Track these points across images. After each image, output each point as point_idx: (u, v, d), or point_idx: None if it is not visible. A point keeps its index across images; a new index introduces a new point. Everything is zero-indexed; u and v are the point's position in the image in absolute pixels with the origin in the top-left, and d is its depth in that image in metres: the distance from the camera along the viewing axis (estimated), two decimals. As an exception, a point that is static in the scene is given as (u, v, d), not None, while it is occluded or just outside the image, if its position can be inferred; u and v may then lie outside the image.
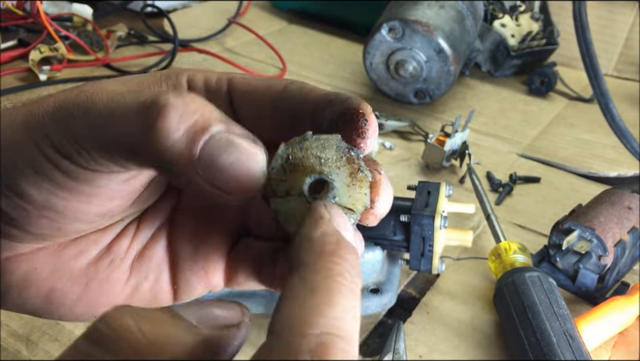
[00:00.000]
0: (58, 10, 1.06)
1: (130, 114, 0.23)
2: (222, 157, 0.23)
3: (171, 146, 0.23)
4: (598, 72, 0.74)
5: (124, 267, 0.30)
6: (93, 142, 0.24)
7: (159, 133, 0.23)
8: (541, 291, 0.51)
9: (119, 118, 0.24)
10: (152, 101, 0.23)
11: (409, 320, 0.56)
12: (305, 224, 0.23)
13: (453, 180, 0.75)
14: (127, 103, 0.24)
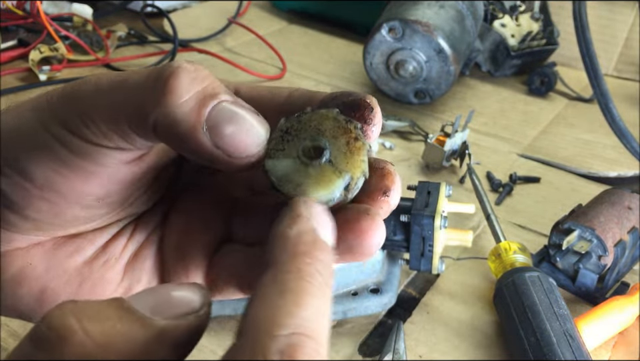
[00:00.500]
0: (58, 10, 1.06)
1: (141, 79, 0.24)
2: (228, 121, 0.24)
3: (180, 105, 0.23)
4: (598, 72, 0.74)
5: (118, 268, 0.30)
6: (101, 110, 0.24)
7: (169, 92, 0.23)
8: (540, 291, 0.51)
9: (129, 85, 0.24)
10: (164, 65, 0.24)
11: (409, 320, 0.56)
12: (281, 221, 0.23)
13: (453, 180, 0.75)
14: (138, 72, 0.24)
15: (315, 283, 0.20)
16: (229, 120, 0.24)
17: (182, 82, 0.23)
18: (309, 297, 0.20)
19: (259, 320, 0.19)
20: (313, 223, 0.23)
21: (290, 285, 0.20)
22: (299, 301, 0.19)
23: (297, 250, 0.21)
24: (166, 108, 0.23)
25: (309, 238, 0.22)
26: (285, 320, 0.19)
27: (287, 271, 0.20)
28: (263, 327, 0.18)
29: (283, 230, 0.22)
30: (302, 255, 0.21)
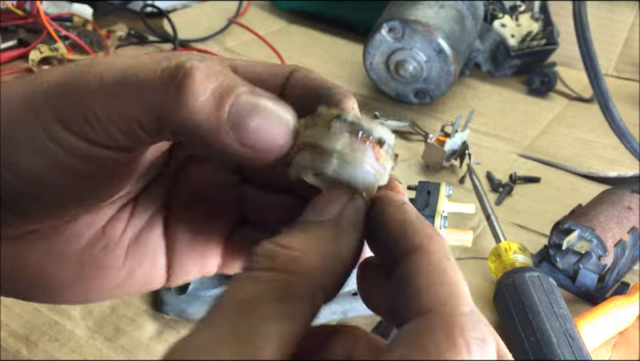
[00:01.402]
0: (58, 10, 1.06)
1: (153, 78, 0.23)
2: (251, 117, 0.23)
3: (199, 108, 0.22)
4: (598, 72, 0.74)
5: (119, 252, 0.30)
6: (109, 110, 0.23)
7: (186, 95, 0.22)
8: (541, 291, 0.51)
9: (139, 82, 0.23)
10: (176, 65, 0.23)
11: (409, 320, 0.56)
12: (390, 210, 0.23)
13: (453, 180, 0.75)
14: (148, 68, 0.23)
15: (452, 258, 0.22)
16: (251, 114, 0.23)
17: (197, 82, 0.22)
18: (459, 273, 0.22)
19: (441, 297, 0.20)
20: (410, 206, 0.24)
21: (444, 263, 0.22)
22: (459, 277, 0.22)
23: (429, 232, 0.22)
24: (184, 112, 0.22)
25: (427, 222, 0.23)
26: (463, 297, 0.21)
27: (435, 251, 0.22)
28: (450, 304, 0.20)
29: (405, 219, 0.23)
30: (435, 235, 0.22)
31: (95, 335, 0.53)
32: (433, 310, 0.20)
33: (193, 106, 0.22)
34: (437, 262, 0.21)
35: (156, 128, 0.23)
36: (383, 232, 0.23)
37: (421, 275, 0.21)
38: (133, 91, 0.23)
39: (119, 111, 0.23)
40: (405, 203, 0.24)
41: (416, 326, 0.20)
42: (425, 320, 0.20)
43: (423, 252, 0.22)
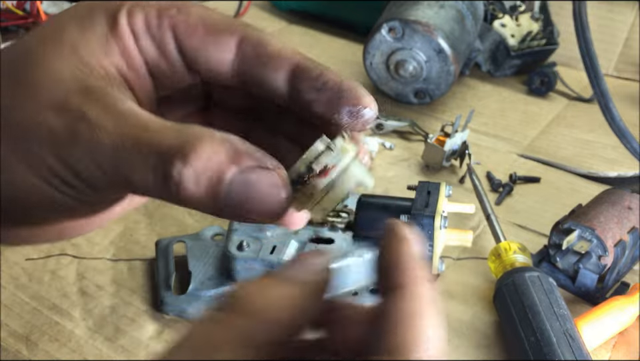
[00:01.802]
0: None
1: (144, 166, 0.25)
2: (244, 198, 0.25)
3: (190, 198, 0.25)
4: (598, 72, 0.74)
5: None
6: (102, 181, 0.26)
7: (177, 190, 0.24)
8: (540, 291, 0.51)
9: (133, 165, 0.25)
10: (163, 174, 0.24)
11: (409, 320, 0.56)
12: (390, 244, 0.25)
13: (453, 180, 0.75)
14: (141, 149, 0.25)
15: (435, 304, 0.24)
16: (244, 196, 0.25)
17: (190, 189, 0.24)
18: (436, 318, 0.23)
19: (405, 342, 0.22)
20: (416, 245, 0.25)
21: (421, 307, 0.23)
22: (433, 323, 0.23)
23: (417, 274, 0.24)
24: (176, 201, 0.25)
25: (421, 264, 0.24)
26: (426, 344, 0.22)
27: (415, 294, 0.23)
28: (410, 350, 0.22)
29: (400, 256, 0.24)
30: (423, 278, 0.24)
31: (95, 335, 0.53)
32: (393, 353, 0.22)
33: (183, 198, 0.25)
34: (414, 304, 0.23)
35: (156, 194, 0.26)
36: (381, 260, 0.25)
37: (395, 315, 0.23)
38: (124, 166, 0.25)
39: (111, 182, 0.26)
40: (406, 239, 0.25)
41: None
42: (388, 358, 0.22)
43: (406, 292, 0.23)
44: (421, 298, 0.23)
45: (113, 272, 0.59)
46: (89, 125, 0.25)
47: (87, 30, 0.27)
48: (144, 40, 0.28)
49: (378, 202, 0.56)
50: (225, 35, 0.28)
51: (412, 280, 0.24)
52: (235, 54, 0.28)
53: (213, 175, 0.24)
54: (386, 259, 0.25)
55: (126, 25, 0.28)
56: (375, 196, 0.59)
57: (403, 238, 0.25)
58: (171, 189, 0.24)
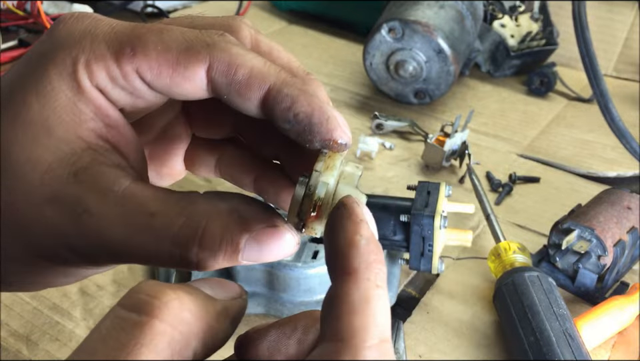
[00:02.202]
0: (58, 10, 1.07)
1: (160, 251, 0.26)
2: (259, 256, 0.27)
3: (211, 269, 0.26)
4: (597, 73, 0.74)
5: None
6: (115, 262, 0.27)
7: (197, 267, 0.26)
8: (540, 291, 0.51)
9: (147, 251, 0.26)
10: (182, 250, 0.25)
11: (408, 320, 0.56)
12: (345, 224, 0.24)
13: (453, 180, 0.75)
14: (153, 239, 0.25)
15: (384, 287, 0.23)
16: (259, 254, 0.27)
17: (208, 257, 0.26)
18: (384, 303, 0.23)
19: (353, 328, 0.22)
20: (371, 227, 0.25)
21: (371, 293, 0.23)
22: (381, 308, 0.23)
23: (369, 258, 0.23)
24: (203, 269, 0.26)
25: (374, 246, 0.24)
26: (374, 329, 0.22)
27: (367, 279, 0.23)
28: (358, 336, 0.22)
29: (352, 238, 0.24)
30: (374, 263, 0.23)
31: (96, 335, 0.53)
32: (344, 339, 0.22)
33: (209, 271, 0.27)
34: (364, 290, 0.23)
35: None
36: (332, 245, 0.24)
37: (345, 301, 0.23)
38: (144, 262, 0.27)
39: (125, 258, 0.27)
40: (362, 221, 0.24)
41: (326, 352, 0.22)
42: (334, 347, 0.22)
43: (355, 277, 0.23)
44: (372, 283, 0.23)
45: (113, 271, 0.59)
46: (91, 216, 0.25)
47: (50, 100, 0.26)
48: (113, 93, 0.27)
49: (378, 202, 0.57)
50: (191, 67, 0.26)
51: (365, 264, 0.23)
52: (207, 82, 0.27)
53: (228, 247, 0.26)
54: (339, 241, 0.24)
55: (90, 85, 0.26)
56: (375, 196, 0.59)
57: (358, 220, 0.24)
58: (191, 267, 0.26)
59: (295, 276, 0.53)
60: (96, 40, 0.27)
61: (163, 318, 0.21)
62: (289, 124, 0.26)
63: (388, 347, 0.22)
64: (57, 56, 0.26)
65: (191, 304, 0.23)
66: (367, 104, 0.91)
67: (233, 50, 0.26)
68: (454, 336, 0.54)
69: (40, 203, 0.25)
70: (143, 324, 0.21)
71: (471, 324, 0.56)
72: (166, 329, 0.21)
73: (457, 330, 0.55)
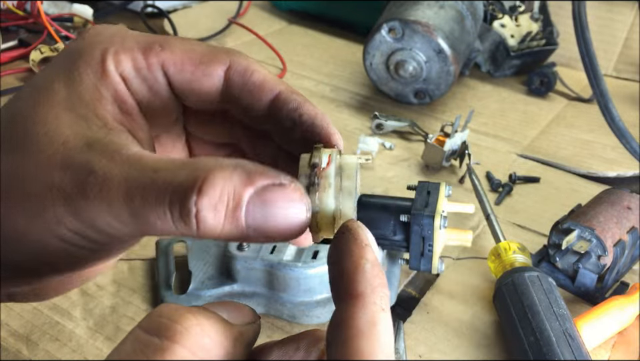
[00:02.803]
0: (58, 10, 1.07)
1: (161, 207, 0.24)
2: (265, 218, 0.25)
3: (212, 229, 0.24)
4: (597, 73, 0.74)
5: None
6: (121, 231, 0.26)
7: (205, 230, 0.24)
8: (540, 291, 0.51)
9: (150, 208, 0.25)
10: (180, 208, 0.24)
11: (408, 320, 0.56)
12: (351, 250, 0.25)
13: (453, 180, 0.75)
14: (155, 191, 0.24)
15: (388, 310, 0.24)
16: (265, 216, 0.25)
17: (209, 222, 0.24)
18: (388, 326, 0.23)
19: (361, 352, 0.22)
20: (375, 251, 0.25)
21: (378, 317, 0.23)
22: (385, 331, 0.23)
23: (374, 283, 0.24)
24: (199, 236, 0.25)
25: (378, 270, 0.24)
26: (380, 353, 0.22)
27: (373, 303, 0.23)
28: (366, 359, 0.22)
29: (359, 263, 0.24)
30: (379, 287, 0.24)
31: (96, 334, 0.53)
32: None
33: (210, 233, 0.24)
34: (370, 314, 0.23)
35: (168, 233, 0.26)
36: (337, 268, 0.25)
37: (352, 325, 0.23)
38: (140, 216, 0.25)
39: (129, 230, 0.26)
40: (367, 245, 0.25)
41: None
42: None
43: (362, 301, 0.23)
44: (378, 307, 0.23)
45: (113, 271, 0.59)
46: (96, 178, 0.25)
47: (75, 84, 0.27)
48: (135, 83, 0.29)
49: (378, 202, 0.57)
50: (213, 65, 0.29)
51: (371, 288, 0.24)
52: (223, 83, 0.30)
53: (230, 201, 0.24)
54: (345, 265, 0.24)
55: (114, 71, 0.28)
56: (375, 196, 0.59)
57: (363, 245, 0.25)
58: (191, 224, 0.24)
59: (295, 276, 0.53)
60: (126, 38, 0.29)
61: (184, 344, 0.22)
62: (294, 123, 0.29)
63: None
64: (86, 50, 0.28)
65: (211, 330, 0.23)
66: (366, 104, 0.91)
67: (249, 59, 0.30)
68: (454, 336, 0.54)
69: (51, 170, 0.26)
70: (165, 349, 0.21)
71: (470, 324, 0.56)
72: (186, 355, 0.22)
73: (457, 330, 0.55)
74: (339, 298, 0.24)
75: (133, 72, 0.28)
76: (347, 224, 0.25)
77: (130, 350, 0.22)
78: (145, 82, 0.29)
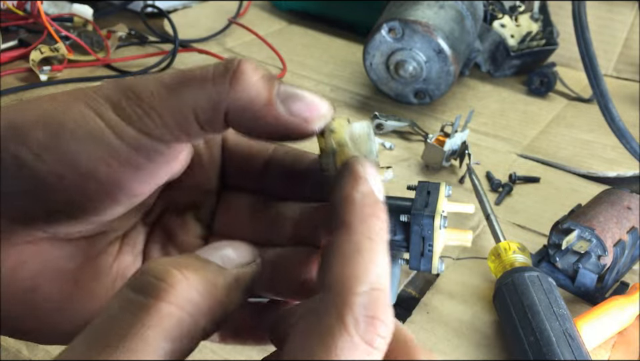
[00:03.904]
0: (58, 10, 1.07)
1: (207, 74, 0.26)
2: (297, 93, 0.26)
3: (253, 86, 0.25)
4: (597, 73, 0.74)
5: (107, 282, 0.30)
6: (170, 103, 0.25)
7: (241, 79, 0.25)
8: (540, 291, 0.51)
9: (196, 79, 0.26)
10: (227, 61, 0.26)
11: (408, 320, 0.56)
12: (343, 182, 0.25)
13: (453, 180, 0.75)
14: (200, 68, 0.26)
15: (380, 241, 0.23)
16: (296, 91, 0.26)
17: (248, 70, 0.25)
18: (379, 254, 0.23)
19: (342, 277, 0.22)
20: (371, 184, 0.25)
21: (364, 245, 0.23)
22: (373, 259, 0.22)
23: (364, 212, 0.24)
24: (240, 92, 0.25)
25: (372, 200, 0.24)
26: (364, 277, 0.22)
27: (360, 232, 0.23)
28: (347, 284, 0.22)
29: (349, 193, 0.24)
30: (369, 216, 0.24)
31: (96, 335, 0.53)
32: (332, 288, 0.22)
33: (248, 85, 0.25)
34: (355, 242, 0.23)
35: (210, 116, 0.26)
36: (331, 202, 0.25)
37: (336, 253, 0.23)
38: (189, 86, 0.26)
39: (178, 102, 0.25)
40: (362, 177, 0.25)
41: (318, 304, 0.22)
42: (325, 297, 0.22)
43: (348, 230, 0.23)
44: (364, 236, 0.23)
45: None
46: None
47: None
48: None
49: (378, 202, 0.57)
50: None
51: (360, 217, 0.23)
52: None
53: (267, 73, 0.26)
54: (336, 197, 0.25)
55: None
56: (375, 196, 0.59)
57: (357, 177, 0.25)
58: (229, 73, 0.25)
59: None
60: None
61: (170, 300, 0.21)
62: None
63: (380, 295, 0.22)
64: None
65: (199, 282, 0.22)
66: (367, 104, 0.91)
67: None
68: (454, 336, 0.54)
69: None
70: (150, 307, 0.21)
71: (470, 324, 0.56)
72: (173, 311, 0.21)
73: (456, 330, 0.55)
74: (331, 230, 0.24)
75: None
76: (348, 160, 0.26)
77: (117, 307, 0.22)
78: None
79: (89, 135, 0.25)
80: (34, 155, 0.25)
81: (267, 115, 0.26)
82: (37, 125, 0.25)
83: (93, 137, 0.25)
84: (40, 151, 0.25)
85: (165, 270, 0.22)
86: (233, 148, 0.32)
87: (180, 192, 0.32)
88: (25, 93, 0.87)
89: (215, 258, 0.24)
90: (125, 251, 0.31)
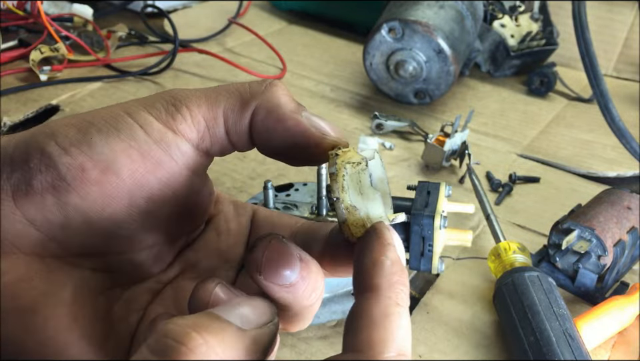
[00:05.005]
0: (58, 10, 1.07)
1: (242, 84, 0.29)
2: (318, 116, 0.29)
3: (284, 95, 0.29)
4: (597, 73, 0.74)
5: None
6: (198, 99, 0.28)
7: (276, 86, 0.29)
8: (540, 291, 0.51)
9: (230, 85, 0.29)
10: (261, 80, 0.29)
11: (408, 320, 0.56)
12: (372, 247, 0.26)
13: (453, 180, 0.75)
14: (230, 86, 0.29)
15: (405, 306, 0.25)
16: (318, 116, 0.29)
17: (282, 86, 0.29)
18: (404, 320, 0.25)
19: (371, 342, 0.23)
20: (398, 251, 0.26)
21: (391, 310, 0.24)
22: (399, 324, 0.24)
23: (392, 279, 0.25)
24: (271, 95, 0.28)
25: (399, 267, 0.26)
26: (392, 343, 0.24)
27: (387, 297, 0.25)
28: (377, 349, 0.23)
29: (378, 259, 0.26)
30: (397, 283, 0.25)
31: (96, 335, 0.53)
32: (362, 350, 0.23)
33: (279, 94, 0.28)
34: (384, 306, 0.24)
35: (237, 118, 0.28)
36: (359, 263, 0.26)
37: (365, 315, 0.24)
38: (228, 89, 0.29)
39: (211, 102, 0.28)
40: (390, 245, 0.26)
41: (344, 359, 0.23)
42: (353, 357, 0.23)
43: (377, 294, 0.24)
44: (393, 301, 0.24)
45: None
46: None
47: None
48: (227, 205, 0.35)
49: (378, 202, 0.57)
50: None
51: (388, 283, 0.25)
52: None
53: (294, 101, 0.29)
54: (365, 260, 0.26)
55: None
56: (375, 196, 0.59)
57: (386, 243, 0.26)
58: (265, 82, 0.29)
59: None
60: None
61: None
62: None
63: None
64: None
65: (219, 345, 0.22)
66: (367, 104, 0.91)
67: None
68: (454, 336, 0.54)
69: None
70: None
71: (470, 324, 0.56)
72: None
73: (457, 330, 0.55)
74: (358, 291, 0.25)
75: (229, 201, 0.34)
76: (374, 224, 0.27)
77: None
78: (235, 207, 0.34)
79: (114, 129, 0.27)
80: (61, 149, 0.26)
81: (290, 119, 0.28)
82: (70, 126, 0.27)
83: (117, 130, 0.27)
84: (67, 146, 0.26)
85: (184, 332, 0.22)
86: (261, 220, 0.33)
87: (202, 253, 0.32)
88: (25, 93, 0.87)
89: (234, 318, 0.24)
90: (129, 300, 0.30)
